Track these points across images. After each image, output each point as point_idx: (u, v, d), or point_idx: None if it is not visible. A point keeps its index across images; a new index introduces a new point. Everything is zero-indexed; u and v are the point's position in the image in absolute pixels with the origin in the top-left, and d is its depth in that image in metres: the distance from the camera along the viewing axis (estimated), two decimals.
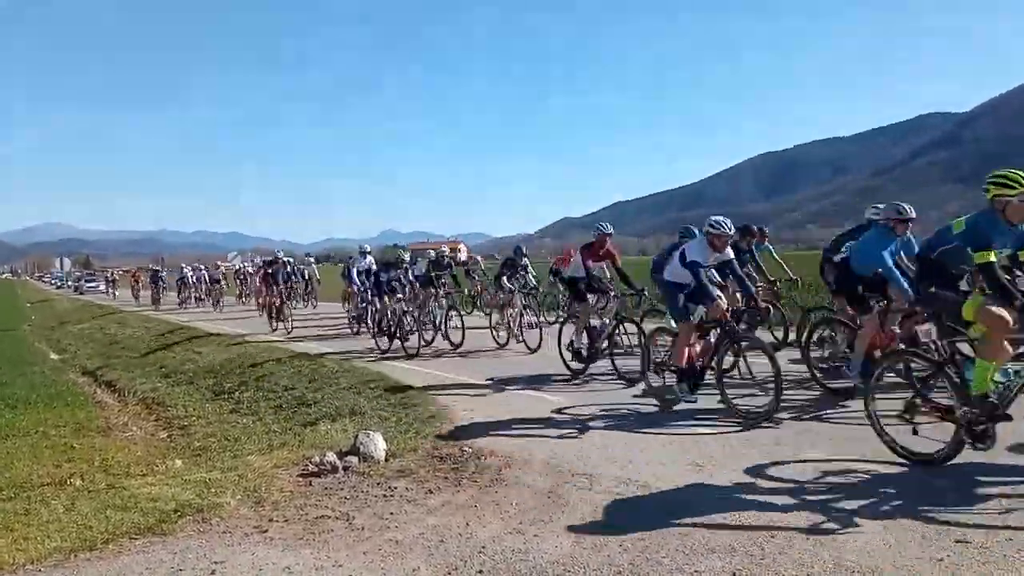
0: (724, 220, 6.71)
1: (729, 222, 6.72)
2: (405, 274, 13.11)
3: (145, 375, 13.84)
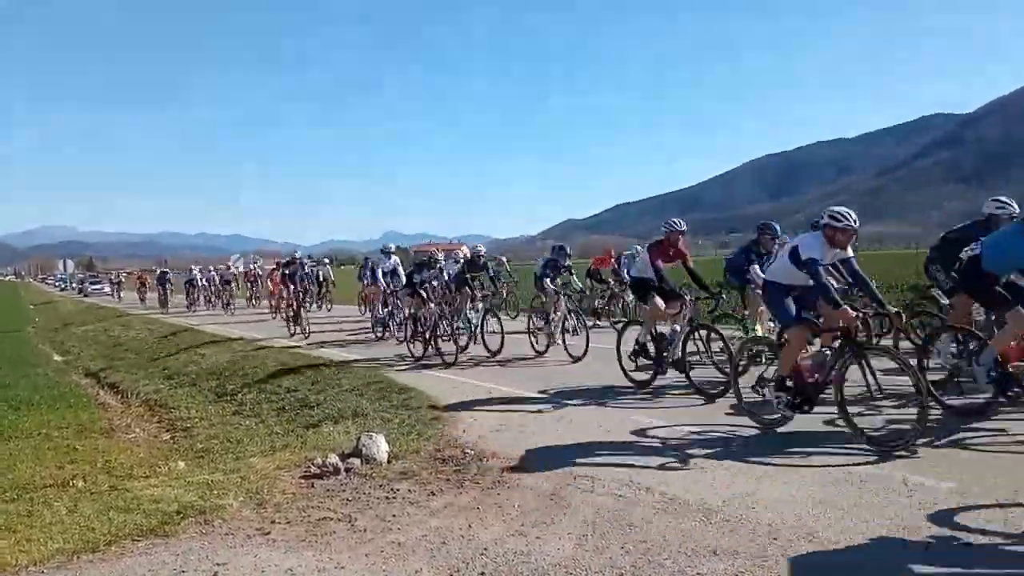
0: (848, 211, 5.52)
1: (854, 214, 5.52)
2: (439, 275, 12.29)
3: (148, 377, 13.86)
